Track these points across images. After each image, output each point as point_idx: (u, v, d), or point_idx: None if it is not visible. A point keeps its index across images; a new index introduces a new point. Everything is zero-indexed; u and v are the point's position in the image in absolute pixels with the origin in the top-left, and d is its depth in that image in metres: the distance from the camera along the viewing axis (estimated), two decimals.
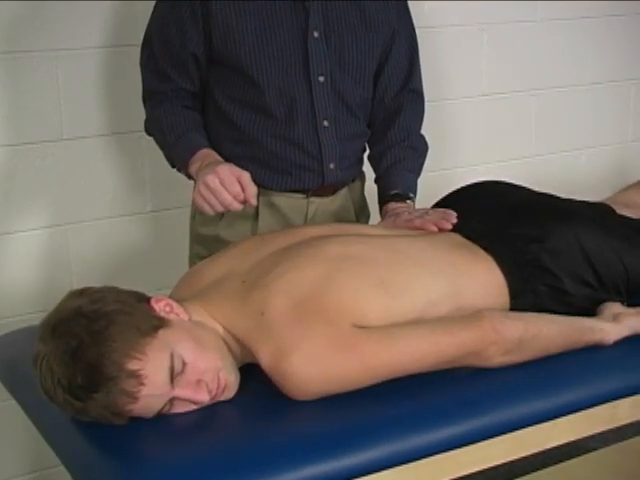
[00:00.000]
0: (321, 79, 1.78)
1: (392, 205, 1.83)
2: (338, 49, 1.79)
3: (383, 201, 1.87)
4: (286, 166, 1.82)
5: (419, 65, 1.96)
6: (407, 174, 1.90)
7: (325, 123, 1.81)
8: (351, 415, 1.33)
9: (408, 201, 1.85)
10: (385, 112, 1.92)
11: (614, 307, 1.58)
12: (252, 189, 1.61)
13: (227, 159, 1.72)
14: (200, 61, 1.77)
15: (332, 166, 1.84)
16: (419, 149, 1.95)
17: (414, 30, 1.93)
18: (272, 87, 1.76)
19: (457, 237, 1.65)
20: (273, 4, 1.73)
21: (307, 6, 1.74)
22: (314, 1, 1.75)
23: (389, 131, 1.91)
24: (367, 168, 2.00)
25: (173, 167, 1.85)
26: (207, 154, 1.73)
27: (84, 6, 2.13)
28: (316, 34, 1.76)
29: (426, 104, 2.01)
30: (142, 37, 1.83)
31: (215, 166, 1.63)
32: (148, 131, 1.89)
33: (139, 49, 1.83)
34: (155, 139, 1.86)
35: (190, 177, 1.76)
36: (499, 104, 2.85)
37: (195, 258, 1.89)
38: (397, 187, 1.86)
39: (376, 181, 1.93)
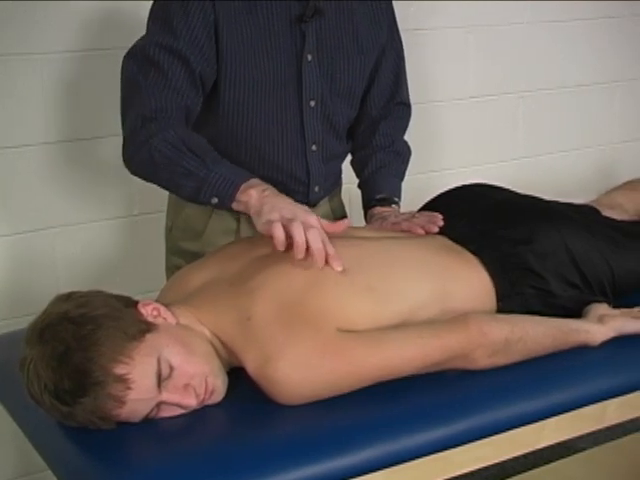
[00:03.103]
0: (312, 104, 1.74)
1: (378, 209, 1.82)
2: (330, 72, 1.75)
3: (369, 205, 1.86)
4: None
5: (406, 77, 1.94)
6: (392, 179, 1.89)
7: (313, 147, 1.78)
8: (340, 417, 1.33)
9: (394, 205, 1.84)
10: (370, 121, 1.91)
11: (600, 308, 1.59)
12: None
13: None
14: (205, 77, 1.65)
15: (317, 189, 1.83)
16: (403, 154, 1.94)
17: (401, 42, 1.91)
18: (264, 113, 1.71)
19: (444, 240, 1.65)
20: (272, 25, 1.68)
21: (303, 28, 1.70)
22: (311, 23, 1.70)
23: (374, 137, 1.90)
24: (344, 173, 1.99)
25: (190, 197, 1.59)
26: (263, 182, 1.55)
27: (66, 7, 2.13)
28: (310, 57, 1.71)
29: (414, 106, 2.01)
30: (129, 39, 1.79)
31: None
32: (151, 159, 1.58)
33: (121, 52, 1.79)
34: (169, 165, 1.57)
35: (224, 204, 1.54)
36: (486, 106, 2.86)
37: (174, 270, 1.81)
38: (383, 191, 1.85)
39: (360, 186, 1.92)
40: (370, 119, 1.91)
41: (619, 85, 3.13)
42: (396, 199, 1.86)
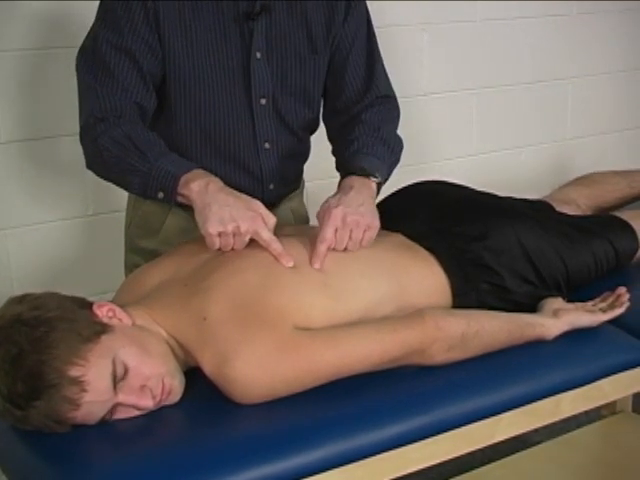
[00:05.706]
0: (262, 101, 1.73)
1: (350, 178, 1.64)
2: (281, 70, 1.74)
3: (344, 175, 1.69)
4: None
5: (381, 70, 1.87)
6: (374, 159, 1.70)
7: (266, 145, 1.77)
8: (296, 416, 1.34)
9: (372, 178, 1.65)
10: (348, 117, 1.82)
11: (554, 303, 1.61)
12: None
13: None
14: (154, 72, 1.66)
15: (272, 187, 1.81)
16: (390, 144, 1.77)
17: (371, 38, 1.85)
18: (214, 110, 1.70)
19: (400, 237, 1.66)
20: (219, 23, 1.67)
21: (252, 26, 1.69)
22: (259, 21, 1.69)
23: (357, 127, 1.77)
24: (306, 174, 1.98)
25: (139, 193, 1.60)
26: (207, 173, 1.56)
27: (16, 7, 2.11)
28: (259, 55, 1.70)
29: None
30: (79, 38, 1.78)
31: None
32: (100, 157, 1.60)
33: (74, 51, 1.77)
34: (117, 162, 1.58)
35: (169, 198, 1.55)
36: (440, 103, 2.88)
37: (132, 268, 1.80)
38: (363, 165, 1.67)
39: (338, 168, 1.77)
40: (349, 116, 1.82)
41: (570, 82, 3.16)
42: (377, 174, 1.66)
